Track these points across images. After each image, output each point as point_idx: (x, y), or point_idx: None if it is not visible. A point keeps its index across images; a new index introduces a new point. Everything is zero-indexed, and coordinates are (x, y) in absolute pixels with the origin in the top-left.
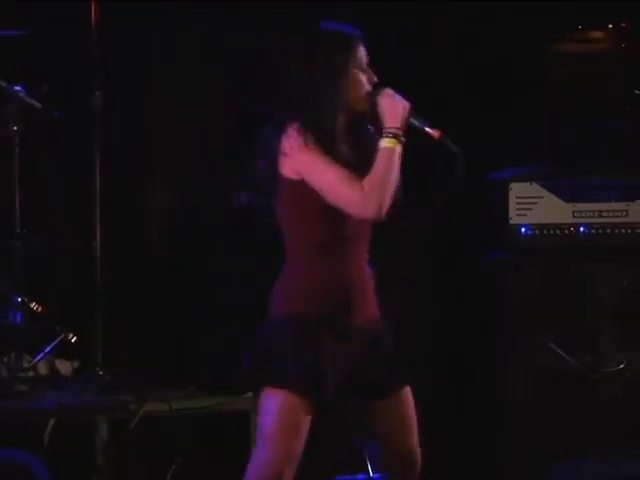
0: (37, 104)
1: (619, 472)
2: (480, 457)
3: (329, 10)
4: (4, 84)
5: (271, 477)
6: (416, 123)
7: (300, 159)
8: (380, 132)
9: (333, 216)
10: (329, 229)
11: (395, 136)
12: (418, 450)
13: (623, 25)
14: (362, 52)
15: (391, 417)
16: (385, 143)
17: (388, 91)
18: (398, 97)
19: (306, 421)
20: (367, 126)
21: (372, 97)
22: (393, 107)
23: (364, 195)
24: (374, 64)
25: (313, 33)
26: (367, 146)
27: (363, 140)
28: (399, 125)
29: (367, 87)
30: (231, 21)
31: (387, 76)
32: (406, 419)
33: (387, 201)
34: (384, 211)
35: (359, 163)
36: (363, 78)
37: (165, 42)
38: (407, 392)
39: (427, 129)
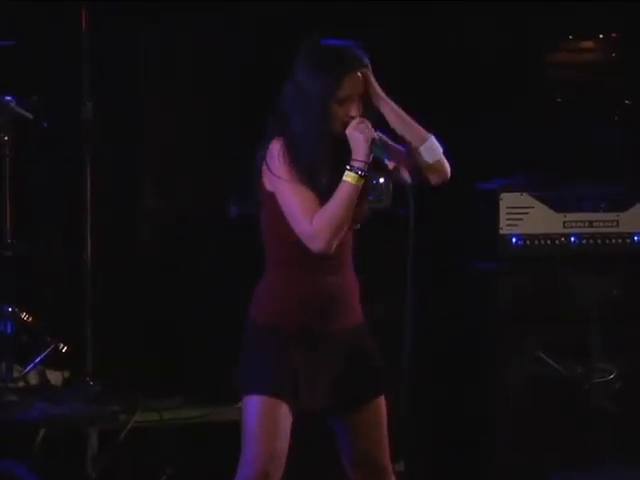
0: (28, 114)
1: None
2: (471, 465)
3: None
4: None
5: (256, 476)
6: (376, 153)
7: (273, 174)
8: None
9: None
10: (301, 242)
11: (358, 170)
12: (389, 465)
13: (613, 35)
14: (353, 81)
15: (367, 427)
16: (346, 177)
17: (355, 122)
18: (363, 128)
19: (286, 423)
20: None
21: (346, 128)
22: (357, 139)
23: (312, 230)
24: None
25: (310, 52)
26: None
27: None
28: (363, 159)
29: (345, 118)
30: (231, 21)
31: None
32: (380, 430)
33: (336, 238)
34: (332, 247)
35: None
36: (345, 109)
37: (161, 43)
38: (382, 402)
39: (386, 161)
